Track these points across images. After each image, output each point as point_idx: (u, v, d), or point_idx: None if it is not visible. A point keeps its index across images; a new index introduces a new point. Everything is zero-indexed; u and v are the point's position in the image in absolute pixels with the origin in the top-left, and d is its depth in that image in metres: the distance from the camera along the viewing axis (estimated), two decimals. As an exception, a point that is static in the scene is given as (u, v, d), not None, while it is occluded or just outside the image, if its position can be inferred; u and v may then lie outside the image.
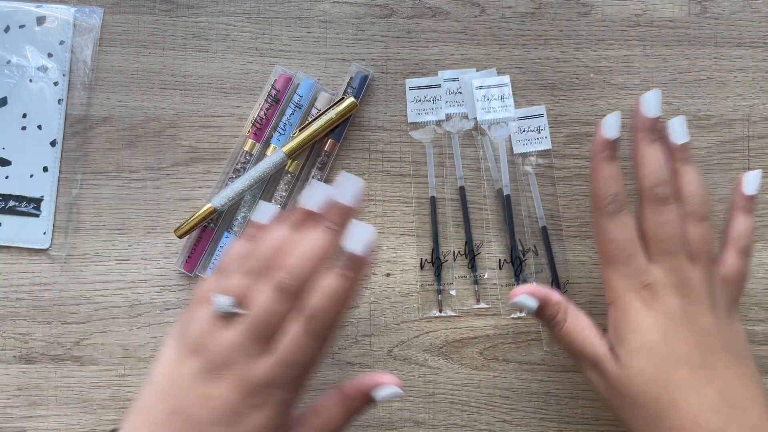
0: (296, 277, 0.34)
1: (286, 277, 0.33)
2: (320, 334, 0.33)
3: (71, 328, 0.45)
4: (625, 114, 0.46)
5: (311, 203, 0.35)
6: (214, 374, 0.32)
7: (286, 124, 0.45)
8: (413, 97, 0.46)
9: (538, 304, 0.38)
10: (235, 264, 0.35)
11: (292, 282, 0.33)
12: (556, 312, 0.38)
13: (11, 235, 0.45)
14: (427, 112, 0.45)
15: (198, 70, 0.46)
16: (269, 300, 0.33)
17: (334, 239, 0.34)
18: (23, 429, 0.45)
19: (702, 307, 0.36)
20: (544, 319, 0.39)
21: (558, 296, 0.39)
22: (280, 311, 0.33)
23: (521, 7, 0.46)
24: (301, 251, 0.34)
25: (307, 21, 0.46)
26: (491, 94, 0.45)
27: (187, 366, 0.33)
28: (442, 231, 0.45)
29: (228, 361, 0.33)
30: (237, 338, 0.33)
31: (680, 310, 0.36)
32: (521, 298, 0.38)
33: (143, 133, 0.46)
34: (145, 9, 0.46)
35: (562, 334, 0.38)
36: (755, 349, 0.45)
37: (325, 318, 0.33)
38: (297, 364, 0.33)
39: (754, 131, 0.46)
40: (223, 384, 0.32)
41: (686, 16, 0.46)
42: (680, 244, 0.37)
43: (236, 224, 0.45)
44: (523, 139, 0.45)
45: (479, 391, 0.45)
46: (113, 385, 0.45)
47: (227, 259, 0.36)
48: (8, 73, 0.46)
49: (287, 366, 0.33)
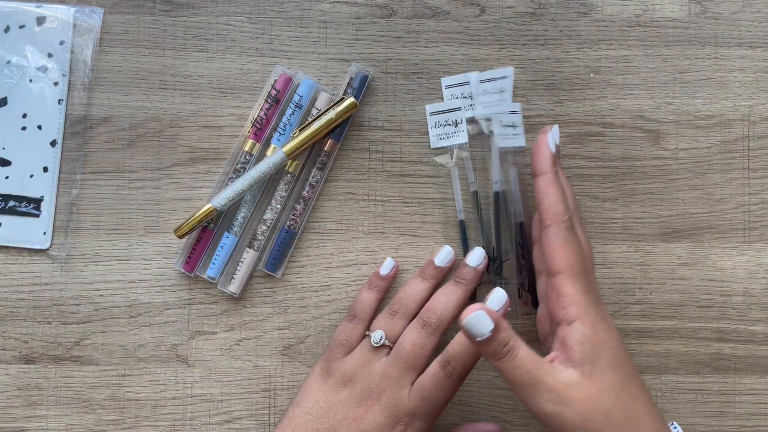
0: (438, 316, 0.41)
1: (431, 315, 0.41)
2: (455, 375, 0.39)
3: (71, 328, 0.45)
4: (624, 114, 0.46)
5: (442, 261, 0.44)
6: (367, 401, 0.39)
7: (286, 124, 0.45)
8: (434, 122, 0.45)
9: (492, 327, 0.33)
10: (369, 310, 0.43)
11: (435, 320, 0.41)
12: (508, 339, 0.34)
13: (11, 236, 0.45)
14: (450, 136, 0.45)
15: (198, 70, 0.46)
16: (415, 335, 0.40)
17: (465, 293, 0.42)
18: (23, 429, 0.45)
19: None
20: (492, 348, 0.34)
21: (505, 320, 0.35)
22: (426, 345, 0.40)
23: (521, 7, 0.46)
24: (442, 297, 0.42)
25: (307, 21, 0.46)
26: (491, 87, 0.45)
27: (342, 394, 0.40)
28: (444, 232, 0.45)
29: (380, 390, 0.39)
30: (388, 369, 0.40)
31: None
32: (476, 316, 0.33)
33: (143, 133, 0.46)
34: (145, 9, 0.46)
35: (516, 365, 0.34)
36: (756, 350, 0.45)
37: (459, 361, 0.38)
38: (435, 400, 0.39)
39: (754, 131, 0.46)
40: (375, 409, 0.39)
41: (686, 16, 0.46)
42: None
43: (236, 224, 0.45)
44: (486, 102, 0.45)
45: (479, 391, 0.45)
46: (113, 386, 0.45)
47: (359, 306, 0.43)
48: (8, 73, 0.46)
49: (427, 401, 0.39)
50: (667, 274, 0.45)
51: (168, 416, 0.45)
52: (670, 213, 0.45)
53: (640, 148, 0.46)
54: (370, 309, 0.43)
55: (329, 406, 0.40)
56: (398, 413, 0.39)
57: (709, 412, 0.45)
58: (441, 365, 0.39)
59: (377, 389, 0.40)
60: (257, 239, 0.45)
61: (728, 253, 0.45)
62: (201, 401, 0.45)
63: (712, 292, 0.45)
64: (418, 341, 0.40)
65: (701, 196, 0.45)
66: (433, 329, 0.41)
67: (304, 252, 0.46)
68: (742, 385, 0.45)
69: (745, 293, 0.45)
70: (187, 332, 0.45)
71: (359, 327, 0.43)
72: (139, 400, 0.45)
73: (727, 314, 0.45)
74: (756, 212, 0.45)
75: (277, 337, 0.45)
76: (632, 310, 0.45)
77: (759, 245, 0.45)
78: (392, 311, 0.43)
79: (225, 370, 0.45)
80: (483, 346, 0.34)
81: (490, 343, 0.34)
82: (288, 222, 0.45)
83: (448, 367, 0.39)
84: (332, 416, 0.40)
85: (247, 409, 0.45)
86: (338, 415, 0.40)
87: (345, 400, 0.40)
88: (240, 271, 0.45)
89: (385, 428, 0.39)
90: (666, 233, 0.45)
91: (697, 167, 0.46)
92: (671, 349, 0.45)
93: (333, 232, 0.46)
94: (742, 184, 0.45)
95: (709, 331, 0.45)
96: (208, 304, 0.45)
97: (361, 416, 0.39)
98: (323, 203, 0.46)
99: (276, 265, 0.45)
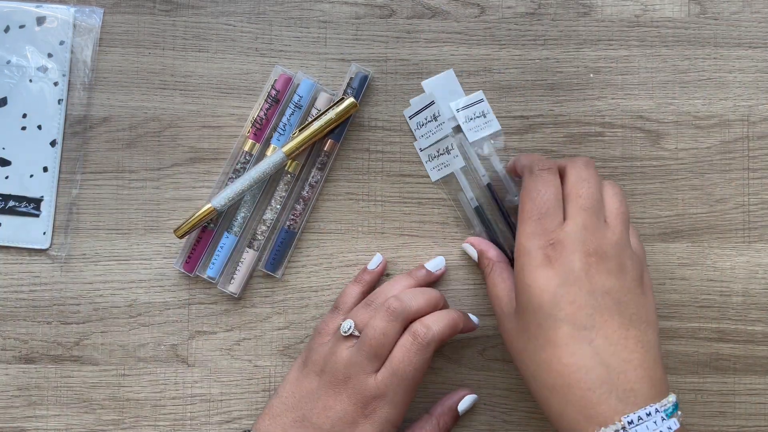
0: (403, 304, 0.40)
1: (395, 301, 0.40)
2: (425, 342, 0.39)
3: (71, 328, 0.45)
4: (624, 114, 0.46)
5: (434, 267, 0.45)
6: (335, 388, 0.39)
7: (286, 124, 0.45)
8: (416, 124, 0.45)
9: (477, 254, 0.44)
10: (351, 302, 0.43)
11: (398, 306, 0.40)
12: (486, 264, 0.43)
13: (11, 235, 0.45)
14: (434, 132, 0.45)
15: (198, 70, 0.46)
16: (378, 320, 0.40)
17: (438, 294, 0.42)
18: (23, 429, 0.45)
19: (605, 267, 0.36)
20: (480, 267, 0.44)
21: (494, 253, 0.43)
22: (387, 331, 0.39)
23: (521, 7, 0.46)
24: (413, 290, 0.42)
25: (307, 21, 0.46)
26: (472, 113, 0.45)
27: (314, 383, 0.40)
28: (444, 232, 0.45)
29: (345, 377, 0.39)
30: (353, 356, 0.39)
31: (580, 268, 0.36)
32: (466, 246, 0.45)
33: (143, 133, 0.46)
34: (145, 9, 0.46)
35: (486, 283, 0.42)
36: (755, 350, 0.45)
37: (430, 329, 0.39)
38: (404, 374, 0.39)
39: (754, 132, 0.46)
40: (343, 397, 0.39)
41: (686, 17, 0.46)
42: (597, 202, 0.37)
43: (236, 224, 0.45)
44: (474, 127, 0.45)
45: (479, 391, 0.45)
46: (113, 385, 0.45)
47: (343, 298, 0.44)
48: (8, 73, 0.46)
49: (396, 376, 0.39)
50: (666, 274, 0.45)
51: (168, 416, 0.45)
52: (669, 213, 0.45)
53: (640, 148, 0.46)
54: (352, 301, 0.43)
55: (302, 396, 0.40)
56: (365, 398, 0.39)
57: (709, 412, 0.45)
58: (411, 335, 0.39)
59: (343, 377, 0.39)
60: (257, 239, 0.45)
61: (728, 253, 0.45)
62: (201, 401, 0.45)
63: (711, 293, 0.45)
64: (380, 326, 0.39)
65: (701, 196, 0.45)
66: (395, 316, 0.40)
67: (304, 252, 0.46)
68: (741, 385, 0.45)
69: (744, 293, 0.45)
70: (186, 332, 0.45)
71: (338, 318, 0.43)
72: (138, 400, 0.45)
73: (727, 314, 0.45)
74: (756, 212, 0.45)
75: (276, 337, 0.45)
76: (632, 310, 0.45)
77: (759, 245, 0.45)
78: (368, 302, 0.42)
79: (225, 370, 0.45)
80: (478, 262, 0.44)
81: (479, 263, 0.43)
82: (288, 222, 0.45)
83: (417, 336, 0.39)
84: (304, 405, 0.40)
85: (247, 409, 0.45)
86: (309, 404, 0.40)
87: (316, 389, 0.40)
88: (240, 271, 0.45)
89: (353, 415, 0.39)
90: (666, 233, 0.45)
91: (696, 167, 0.46)
92: (671, 349, 0.45)
93: (333, 232, 0.46)
94: (741, 184, 0.46)
95: (708, 331, 0.45)
96: (207, 304, 0.45)
97: (331, 405, 0.39)
98: (323, 203, 0.46)
99: (276, 265, 0.45)
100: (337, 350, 0.40)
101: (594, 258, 0.36)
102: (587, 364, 0.34)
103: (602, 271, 0.36)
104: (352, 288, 0.44)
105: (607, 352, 0.34)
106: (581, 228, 0.36)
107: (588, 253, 0.36)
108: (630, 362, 0.34)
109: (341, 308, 0.43)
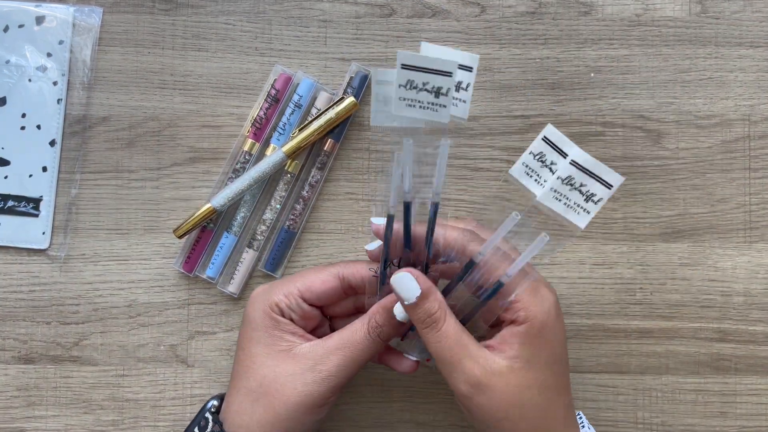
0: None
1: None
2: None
3: (70, 328, 0.45)
4: (625, 113, 0.46)
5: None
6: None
7: (285, 123, 0.45)
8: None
9: (420, 292, 0.32)
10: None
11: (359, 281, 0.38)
12: (434, 310, 0.33)
13: (10, 235, 0.45)
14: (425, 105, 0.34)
15: (197, 69, 0.46)
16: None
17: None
18: (22, 429, 0.45)
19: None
20: (417, 315, 0.33)
21: (438, 292, 0.33)
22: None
23: (521, 6, 0.46)
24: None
25: (307, 21, 0.46)
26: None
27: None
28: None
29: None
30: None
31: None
32: (402, 278, 0.32)
33: (142, 132, 0.46)
34: (144, 9, 0.46)
35: (439, 338, 0.33)
36: (756, 350, 0.45)
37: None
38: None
39: (755, 131, 0.46)
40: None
41: (687, 16, 0.46)
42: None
43: (235, 224, 0.45)
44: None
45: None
46: (112, 386, 0.45)
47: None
48: (7, 73, 0.46)
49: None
50: (667, 275, 0.45)
51: (167, 416, 0.45)
52: (670, 213, 0.45)
53: (641, 147, 0.45)
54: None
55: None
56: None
57: (710, 412, 0.45)
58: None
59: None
60: (257, 239, 0.45)
61: (729, 253, 0.45)
62: (200, 401, 0.45)
63: (712, 293, 0.45)
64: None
65: (702, 196, 0.45)
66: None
67: (304, 252, 0.46)
68: (742, 385, 0.45)
69: (745, 293, 0.45)
70: (186, 332, 0.45)
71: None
72: (138, 400, 0.45)
73: (728, 314, 0.45)
74: (757, 212, 0.45)
75: (276, 337, 0.45)
76: (633, 310, 0.45)
77: (760, 245, 0.45)
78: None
79: (224, 371, 0.45)
80: (410, 310, 0.33)
81: (415, 310, 0.33)
82: (287, 222, 0.45)
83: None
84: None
85: (247, 410, 0.45)
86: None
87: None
88: (239, 271, 0.45)
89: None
90: (667, 233, 0.45)
91: (697, 167, 0.45)
92: (672, 349, 0.45)
93: (332, 232, 0.46)
94: (742, 184, 0.45)
95: (709, 332, 0.45)
96: (207, 304, 0.45)
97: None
98: (323, 203, 0.46)
99: (275, 265, 0.45)
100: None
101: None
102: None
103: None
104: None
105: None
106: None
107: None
108: None
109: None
